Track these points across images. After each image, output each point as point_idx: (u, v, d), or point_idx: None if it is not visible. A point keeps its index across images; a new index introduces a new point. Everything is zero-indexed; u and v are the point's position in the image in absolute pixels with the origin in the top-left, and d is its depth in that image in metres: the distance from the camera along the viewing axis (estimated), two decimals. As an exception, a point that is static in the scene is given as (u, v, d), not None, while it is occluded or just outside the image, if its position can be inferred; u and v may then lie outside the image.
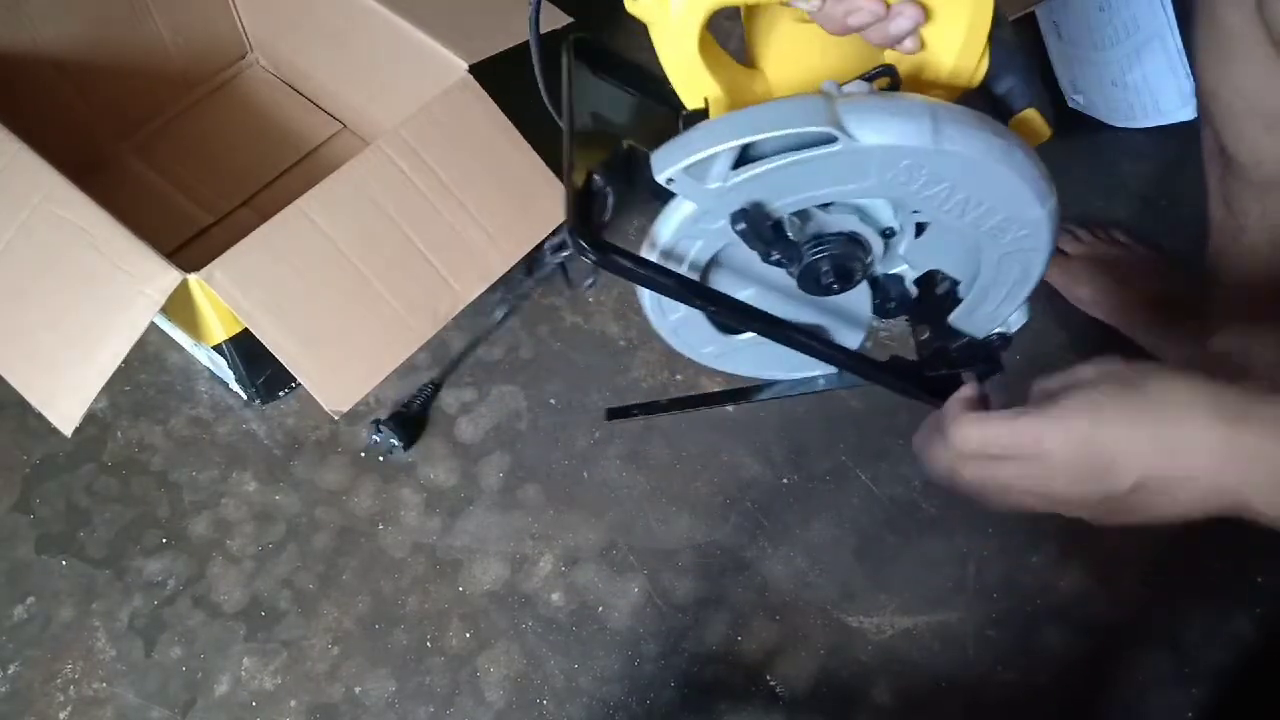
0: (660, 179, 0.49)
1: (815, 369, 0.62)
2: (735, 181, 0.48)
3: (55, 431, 0.69)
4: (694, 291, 0.53)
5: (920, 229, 0.54)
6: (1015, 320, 0.56)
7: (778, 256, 0.51)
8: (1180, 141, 0.83)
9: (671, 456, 0.90)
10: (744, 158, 0.48)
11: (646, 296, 0.57)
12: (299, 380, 0.71)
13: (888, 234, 0.54)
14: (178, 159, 1.01)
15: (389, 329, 0.74)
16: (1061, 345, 0.95)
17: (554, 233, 0.80)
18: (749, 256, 0.52)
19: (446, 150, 0.77)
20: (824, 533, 0.86)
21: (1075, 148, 1.06)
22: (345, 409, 0.71)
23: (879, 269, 0.56)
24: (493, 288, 0.78)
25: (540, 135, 0.79)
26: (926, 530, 0.87)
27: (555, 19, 0.84)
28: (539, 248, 0.80)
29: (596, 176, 0.53)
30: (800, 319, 0.58)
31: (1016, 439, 0.51)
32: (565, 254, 0.82)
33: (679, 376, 0.93)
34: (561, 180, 0.76)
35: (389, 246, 0.74)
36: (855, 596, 0.84)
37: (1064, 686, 0.81)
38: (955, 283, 0.56)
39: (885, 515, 0.87)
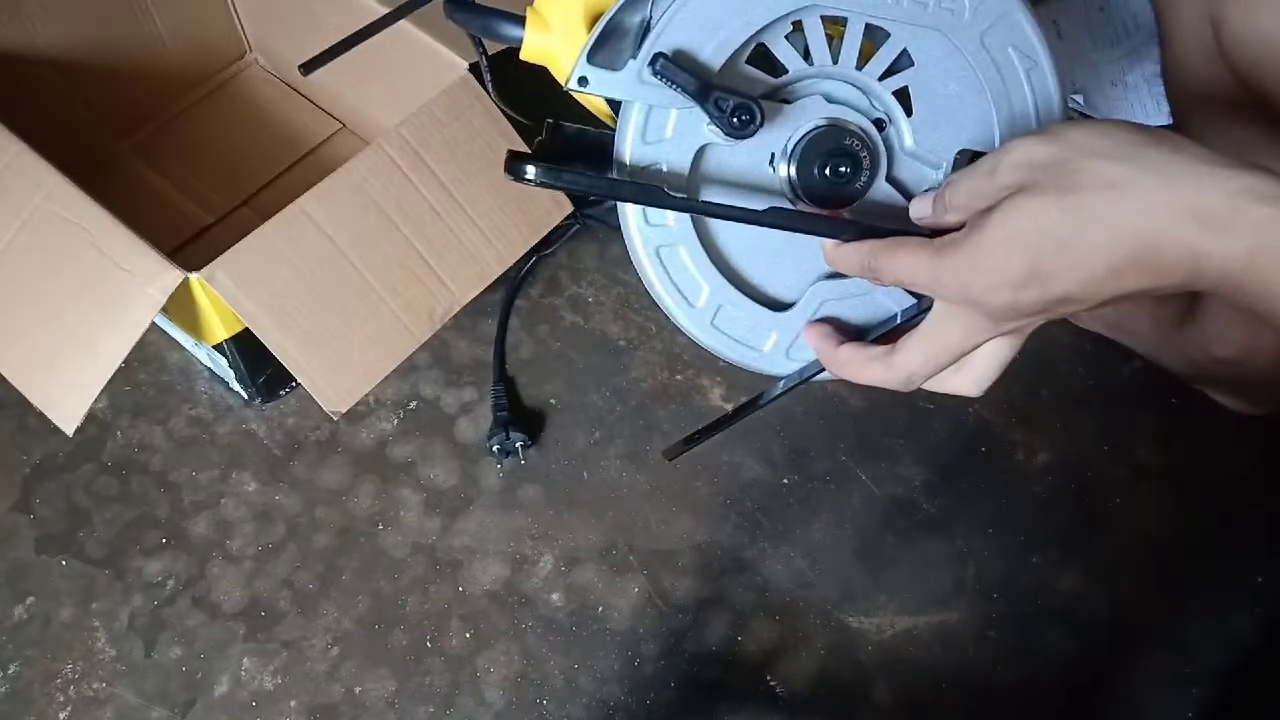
0: (571, 83, 0.48)
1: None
2: (649, 45, 0.48)
3: (55, 431, 0.69)
4: (653, 197, 0.50)
5: (906, 105, 0.54)
6: None
7: (728, 106, 0.49)
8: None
9: (671, 456, 0.90)
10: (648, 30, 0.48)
11: (673, 305, 0.55)
12: (299, 381, 0.71)
13: (879, 124, 0.54)
14: (177, 159, 1.01)
15: (388, 330, 0.74)
16: (1065, 348, 0.95)
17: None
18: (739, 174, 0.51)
19: (446, 150, 0.77)
20: (824, 533, 0.86)
21: (1075, 148, 1.06)
22: (344, 410, 0.72)
23: (907, 182, 0.55)
24: (492, 286, 0.78)
25: (536, 137, 0.78)
26: (926, 530, 0.87)
27: None
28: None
29: (550, 121, 0.53)
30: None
31: (942, 281, 0.46)
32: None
33: (679, 376, 0.93)
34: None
35: (388, 247, 0.74)
36: (855, 597, 0.84)
37: (1064, 686, 0.81)
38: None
39: (885, 515, 0.87)
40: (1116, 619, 0.83)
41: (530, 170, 0.48)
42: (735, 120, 0.50)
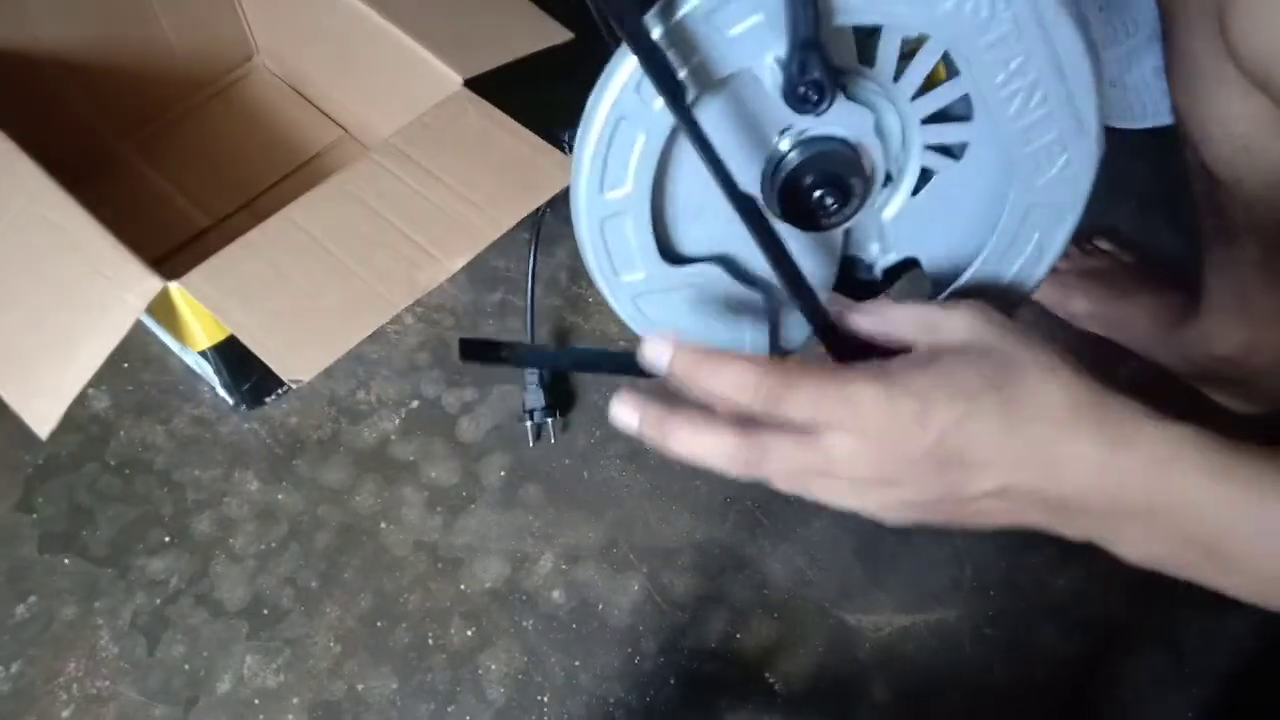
0: None
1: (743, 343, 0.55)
2: None
3: (58, 431, 0.69)
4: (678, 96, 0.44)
5: (920, 185, 0.50)
6: None
7: (812, 73, 0.44)
8: (1179, 142, 0.83)
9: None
10: None
11: (586, 179, 0.49)
12: (252, 350, 0.68)
13: (886, 178, 0.50)
14: (180, 160, 1.01)
15: (359, 299, 0.71)
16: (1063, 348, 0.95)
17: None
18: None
19: (437, 148, 0.76)
20: (823, 532, 0.87)
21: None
22: (306, 379, 0.67)
23: (855, 234, 0.52)
24: (491, 285, 0.78)
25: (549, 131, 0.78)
26: (925, 530, 0.87)
27: (556, 34, 0.83)
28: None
29: None
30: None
31: (847, 409, 0.43)
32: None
33: (679, 376, 0.94)
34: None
35: (367, 230, 0.71)
36: (853, 595, 0.84)
37: (1062, 685, 0.81)
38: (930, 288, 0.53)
39: (884, 514, 0.87)
40: (1114, 618, 0.84)
41: None
42: (803, 90, 0.45)
